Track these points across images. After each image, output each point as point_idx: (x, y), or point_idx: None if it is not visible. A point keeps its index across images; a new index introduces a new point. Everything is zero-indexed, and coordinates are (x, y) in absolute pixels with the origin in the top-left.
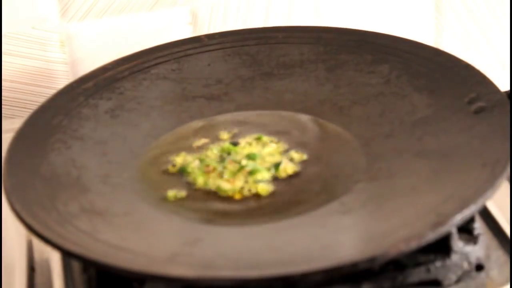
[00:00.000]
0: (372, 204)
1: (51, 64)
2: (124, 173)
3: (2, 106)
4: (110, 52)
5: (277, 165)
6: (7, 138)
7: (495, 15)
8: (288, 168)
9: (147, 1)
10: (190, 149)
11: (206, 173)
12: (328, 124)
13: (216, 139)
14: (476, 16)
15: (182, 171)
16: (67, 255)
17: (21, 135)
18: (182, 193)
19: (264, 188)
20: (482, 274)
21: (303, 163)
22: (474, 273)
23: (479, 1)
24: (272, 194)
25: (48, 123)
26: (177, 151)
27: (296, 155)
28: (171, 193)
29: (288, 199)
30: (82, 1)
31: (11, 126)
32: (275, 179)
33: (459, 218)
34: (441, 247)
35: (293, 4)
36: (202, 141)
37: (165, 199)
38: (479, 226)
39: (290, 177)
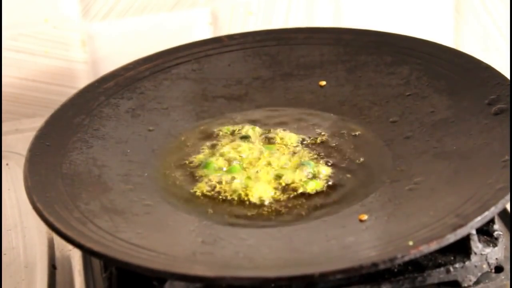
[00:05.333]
0: (392, 205)
1: (72, 63)
2: (145, 172)
3: (24, 105)
4: (131, 52)
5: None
6: (28, 137)
7: None
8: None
9: (168, 2)
10: (211, 149)
11: (228, 173)
12: (348, 125)
13: (237, 138)
14: (496, 17)
15: (203, 171)
16: (88, 254)
17: (42, 134)
18: (203, 192)
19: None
20: (502, 276)
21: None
22: (493, 275)
23: (498, 2)
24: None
25: (70, 122)
26: (198, 150)
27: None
28: (192, 193)
29: (309, 201)
30: (104, 1)
31: (32, 125)
32: None
33: (479, 220)
34: (460, 248)
35: (313, 5)
36: (223, 140)
37: (185, 198)
38: (498, 227)
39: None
